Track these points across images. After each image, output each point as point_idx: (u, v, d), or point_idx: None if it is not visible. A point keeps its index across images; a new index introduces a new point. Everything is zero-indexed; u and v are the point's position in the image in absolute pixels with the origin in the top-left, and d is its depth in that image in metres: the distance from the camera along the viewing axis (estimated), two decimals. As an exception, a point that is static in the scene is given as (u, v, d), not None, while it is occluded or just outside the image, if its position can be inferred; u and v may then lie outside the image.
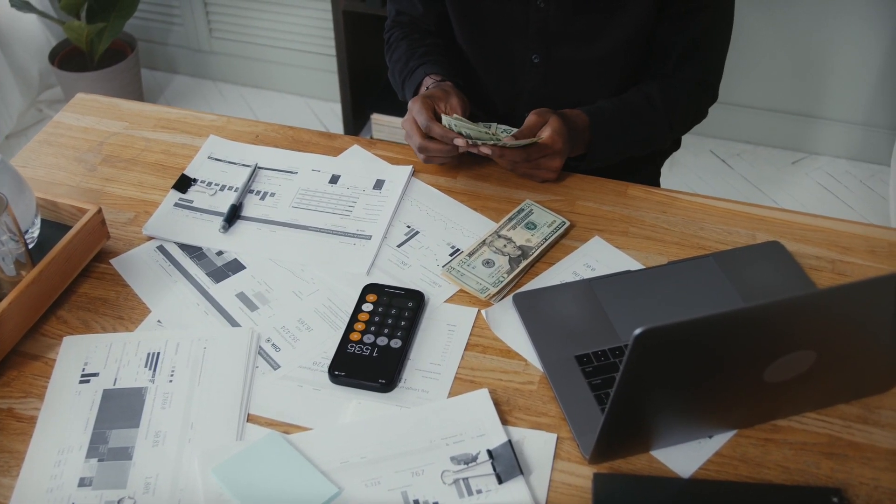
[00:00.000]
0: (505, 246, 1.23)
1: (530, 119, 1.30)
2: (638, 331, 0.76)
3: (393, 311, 1.14)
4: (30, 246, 1.20)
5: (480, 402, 1.04)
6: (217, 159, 1.41)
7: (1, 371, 1.09)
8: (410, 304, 1.15)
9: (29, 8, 2.75)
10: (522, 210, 1.29)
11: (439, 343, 1.12)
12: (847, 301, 0.85)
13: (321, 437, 1.00)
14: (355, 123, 2.88)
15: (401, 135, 1.36)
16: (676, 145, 1.64)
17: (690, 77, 1.43)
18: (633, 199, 1.33)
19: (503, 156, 1.27)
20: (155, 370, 1.08)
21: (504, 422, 1.02)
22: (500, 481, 0.95)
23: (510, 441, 0.98)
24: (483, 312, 1.16)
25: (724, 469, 0.98)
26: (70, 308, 1.17)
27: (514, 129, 1.30)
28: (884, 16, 2.57)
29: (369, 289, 1.17)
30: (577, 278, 1.20)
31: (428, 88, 1.38)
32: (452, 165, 1.39)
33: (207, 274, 1.22)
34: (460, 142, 1.24)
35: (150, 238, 1.27)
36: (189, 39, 3.24)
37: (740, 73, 2.77)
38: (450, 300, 1.18)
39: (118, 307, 1.17)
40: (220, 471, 0.96)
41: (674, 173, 2.83)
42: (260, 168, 1.39)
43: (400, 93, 1.51)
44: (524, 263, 1.20)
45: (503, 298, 1.18)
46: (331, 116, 3.12)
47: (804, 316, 0.85)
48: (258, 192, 1.35)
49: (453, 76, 1.41)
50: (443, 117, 1.27)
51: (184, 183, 1.36)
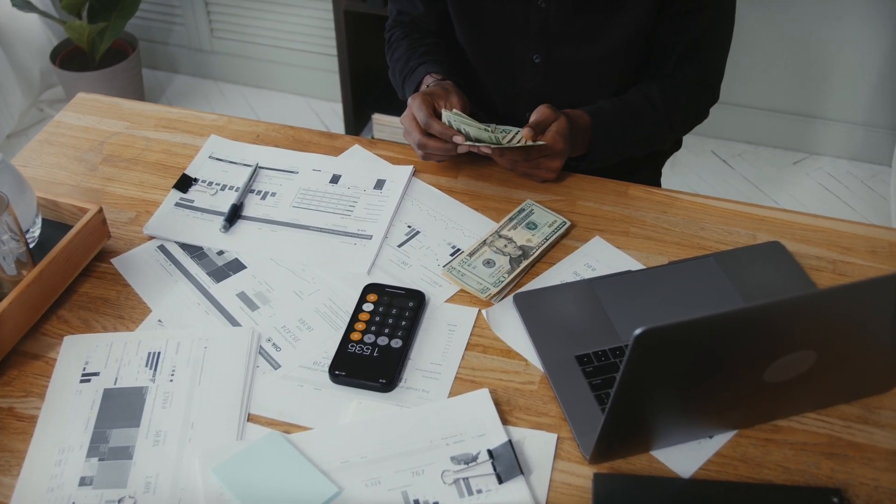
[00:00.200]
0: (506, 246, 1.23)
1: (543, 111, 1.29)
2: (638, 331, 0.76)
3: (393, 311, 1.14)
4: (31, 245, 1.20)
5: (481, 402, 1.04)
6: (218, 159, 1.41)
7: (2, 370, 1.09)
8: (411, 304, 1.15)
9: (30, 7, 2.75)
10: (523, 210, 1.29)
11: (440, 343, 1.12)
12: (847, 301, 0.85)
13: (321, 437, 1.00)
14: (356, 123, 2.88)
15: (402, 134, 1.36)
16: (677, 145, 1.65)
17: (691, 77, 1.43)
18: (634, 200, 1.33)
19: (503, 155, 1.27)
20: (155, 370, 1.08)
21: (504, 422, 1.02)
22: (501, 481, 0.95)
23: (510, 441, 0.98)
24: (483, 312, 1.16)
25: (725, 469, 0.98)
26: (71, 307, 1.17)
27: (514, 129, 1.30)
28: (885, 16, 2.57)
29: (370, 288, 1.17)
30: (578, 278, 1.20)
31: (428, 87, 1.38)
32: (453, 165, 1.39)
33: (208, 273, 1.22)
34: (459, 139, 1.24)
35: (151, 237, 1.28)
36: (190, 39, 3.24)
37: (741, 74, 2.77)
38: (450, 300, 1.18)
39: (119, 307, 1.17)
40: (221, 470, 0.96)
41: (675, 173, 2.83)
42: (261, 168, 1.39)
43: (400, 92, 1.51)
44: (525, 263, 1.20)
45: (504, 298, 1.18)
46: (332, 116, 3.12)
47: (804, 316, 0.85)
48: (259, 192, 1.35)
49: (454, 75, 1.41)
50: (443, 113, 1.27)
51: (185, 182, 1.36)
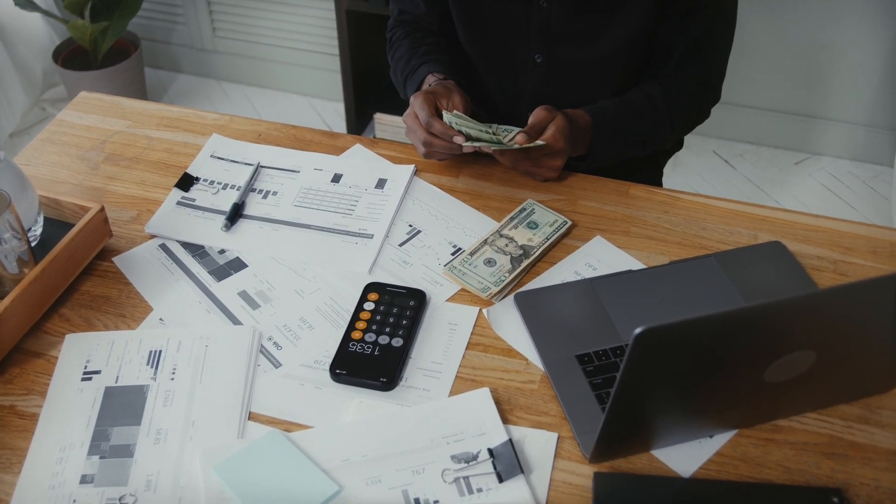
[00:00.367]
0: (507, 245, 1.23)
1: (540, 113, 1.30)
2: (638, 330, 0.76)
3: (394, 310, 1.14)
4: (32, 244, 1.20)
5: (481, 401, 1.04)
6: (219, 158, 1.41)
7: (3, 368, 1.09)
8: (412, 303, 1.15)
9: (33, 7, 2.76)
10: (524, 209, 1.29)
11: (440, 342, 1.12)
12: (847, 301, 0.85)
13: (322, 436, 1.01)
14: (358, 123, 2.88)
15: (404, 134, 1.36)
16: (679, 145, 1.65)
17: (692, 77, 1.43)
18: (635, 199, 1.33)
19: (504, 153, 1.27)
20: (157, 368, 1.08)
21: (505, 421, 1.02)
22: (501, 480, 0.95)
23: (511, 440, 0.98)
24: (484, 311, 1.16)
25: (725, 469, 0.98)
26: (72, 306, 1.17)
27: (515, 129, 1.30)
28: (887, 17, 2.56)
29: (371, 287, 1.17)
30: (579, 278, 1.20)
31: (430, 86, 1.38)
32: (454, 164, 1.39)
33: (209, 272, 1.22)
34: (460, 139, 1.24)
35: (153, 236, 1.28)
36: (192, 38, 3.25)
37: (743, 74, 2.77)
38: (451, 299, 1.18)
39: (120, 305, 1.17)
40: (222, 469, 0.96)
41: (676, 173, 2.83)
42: (262, 167, 1.39)
43: (402, 91, 1.51)
44: (526, 263, 1.21)
45: (504, 298, 1.18)
46: (334, 116, 3.13)
47: (804, 316, 0.85)
48: (260, 191, 1.35)
49: (455, 75, 1.42)
50: (444, 114, 1.27)
51: (186, 181, 1.36)
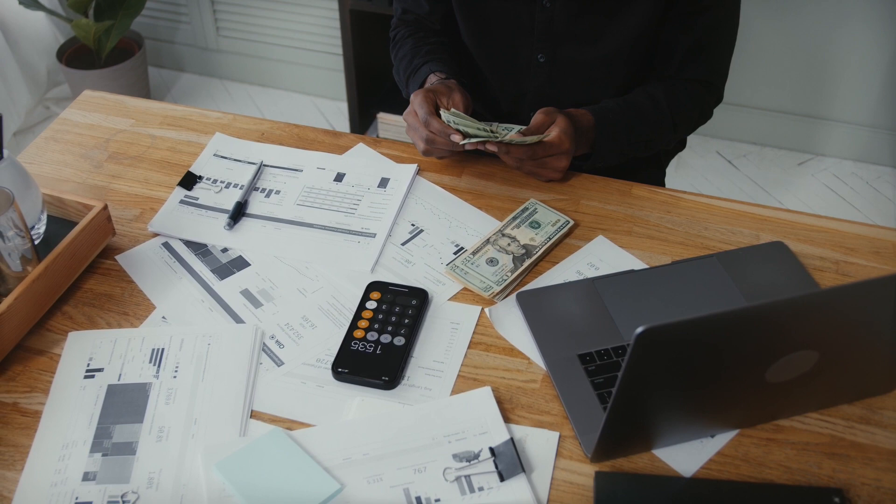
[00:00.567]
0: (509, 245, 1.23)
1: (537, 118, 1.30)
2: (639, 329, 0.76)
3: (396, 309, 1.14)
4: (36, 242, 1.20)
5: (483, 400, 1.04)
6: (223, 157, 1.42)
7: (6, 366, 1.09)
8: (414, 302, 1.15)
9: (37, 6, 2.76)
10: (526, 209, 1.29)
11: (442, 341, 1.12)
12: (849, 301, 0.85)
13: (324, 434, 1.01)
14: (361, 122, 2.88)
15: (405, 133, 1.36)
16: (682, 145, 1.65)
17: (695, 78, 1.43)
18: (638, 199, 1.33)
19: (508, 153, 1.27)
20: (159, 366, 1.08)
21: (506, 420, 1.02)
22: (502, 479, 0.95)
23: (512, 439, 0.98)
24: (486, 311, 1.16)
25: (726, 468, 0.98)
26: (75, 304, 1.18)
27: (516, 127, 1.30)
28: (891, 18, 2.56)
29: (373, 286, 1.17)
30: (581, 277, 1.20)
31: (432, 85, 1.38)
32: (456, 164, 1.39)
33: (212, 271, 1.22)
34: (457, 138, 1.24)
35: (156, 235, 1.28)
36: (196, 38, 3.25)
37: (747, 75, 2.76)
38: (453, 298, 1.18)
39: (123, 303, 1.18)
40: (224, 466, 0.96)
41: (680, 174, 2.83)
42: (265, 166, 1.40)
43: (404, 90, 1.51)
44: (528, 262, 1.21)
45: (506, 297, 1.18)
46: (337, 115, 3.13)
47: (806, 316, 0.85)
48: (263, 190, 1.35)
49: (457, 74, 1.42)
50: (441, 112, 1.27)
51: (189, 180, 1.36)
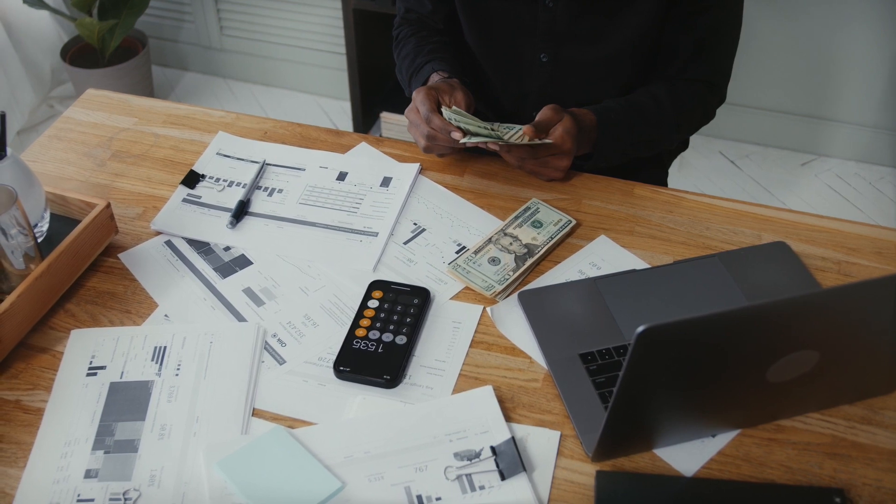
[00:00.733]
0: (511, 244, 1.23)
1: (545, 113, 1.29)
2: (640, 328, 0.76)
3: (398, 308, 1.14)
4: (39, 240, 1.21)
5: (484, 399, 1.04)
6: (225, 155, 1.42)
7: (9, 363, 1.10)
8: (416, 301, 1.15)
9: (41, 5, 2.77)
10: (529, 208, 1.29)
11: (444, 340, 1.12)
12: (850, 301, 0.85)
13: (325, 432, 1.01)
14: (365, 122, 2.88)
15: (407, 131, 1.36)
16: (684, 145, 1.65)
17: (698, 78, 1.43)
18: (640, 199, 1.33)
19: (510, 151, 1.27)
20: (161, 364, 1.09)
21: (508, 419, 1.02)
22: (503, 478, 0.95)
23: (513, 438, 0.99)
24: (488, 310, 1.16)
25: (727, 468, 0.98)
26: (78, 301, 1.18)
27: (518, 127, 1.30)
28: (894, 18, 2.56)
29: (375, 285, 1.18)
30: (583, 277, 1.20)
31: (434, 83, 1.38)
32: (459, 163, 1.39)
33: (215, 269, 1.23)
34: (457, 135, 1.24)
35: (158, 233, 1.28)
36: (200, 37, 3.25)
37: (750, 75, 2.76)
38: (455, 297, 1.18)
39: (126, 301, 1.18)
40: (225, 464, 0.97)
41: (683, 174, 2.83)
42: (268, 164, 1.40)
43: (406, 89, 1.51)
44: (530, 261, 1.21)
45: (508, 296, 1.18)
46: (341, 114, 3.13)
47: (806, 316, 0.85)
48: (266, 189, 1.36)
49: (460, 73, 1.42)
50: (443, 110, 1.27)
51: (192, 179, 1.37)
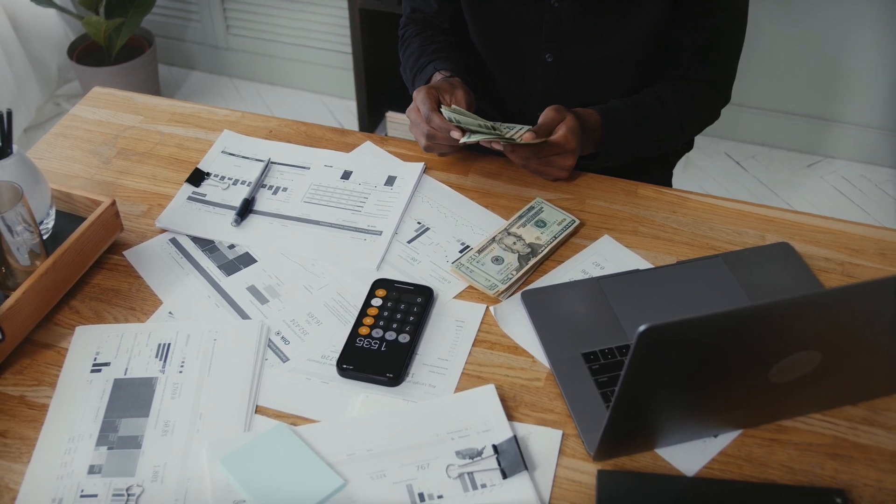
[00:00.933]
0: (514, 243, 1.23)
1: (549, 114, 1.30)
2: (642, 328, 0.76)
3: (402, 307, 1.14)
4: (44, 237, 1.21)
5: (487, 398, 1.04)
6: (230, 154, 1.42)
7: (14, 359, 1.10)
8: (419, 300, 1.15)
9: (48, 3, 2.77)
10: (532, 208, 1.29)
11: (447, 339, 1.13)
12: (852, 302, 0.85)
13: (328, 430, 1.01)
14: (370, 121, 2.88)
15: (409, 130, 1.36)
16: (689, 146, 1.64)
17: (703, 78, 1.43)
18: (644, 199, 1.33)
19: (514, 151, 1.27)
20: (165, 361, 1.09)
21: (510, 417, 1.03)
22: (505, 476, 0.96)
23: (515, 437, 0.99)
24: (491, 309, 1.16)
25: (729, 468, 0.98)
26: (83, 298, 1.18)
27: (520, 126, 1.30)
28: (901, 19, 2.56)
29: (379, 284, 1.18)
30: (586, 276, 1.20)
31: (435, 82, 1.38)
32: (463, 162, 1.39)
33: (219, 267, 1.23)
34: (456, 135, 1.25)
35: (163, 230, 1.29)
36: (206, 36, 3.26)
37: (755, 75, 2.76)
38: (458, 296, 1.18)
39: (130, 298, 1.18)
40: (228, 461, 0.97)
41: (688, 175, 2.83)
42: (273, 163, 1.40)
43: (410, 88, 1.51)
44: (533, 261, 1.21)
45: (511, 295, 1.18)
46: (346, 114, 3.13)
47: (808, 316, 0.85)
48: (271, 187, 1.36)
49: (463, 73, 1.42)
50: (443, 109, 1.27)
51: (197, 177, 1.37)
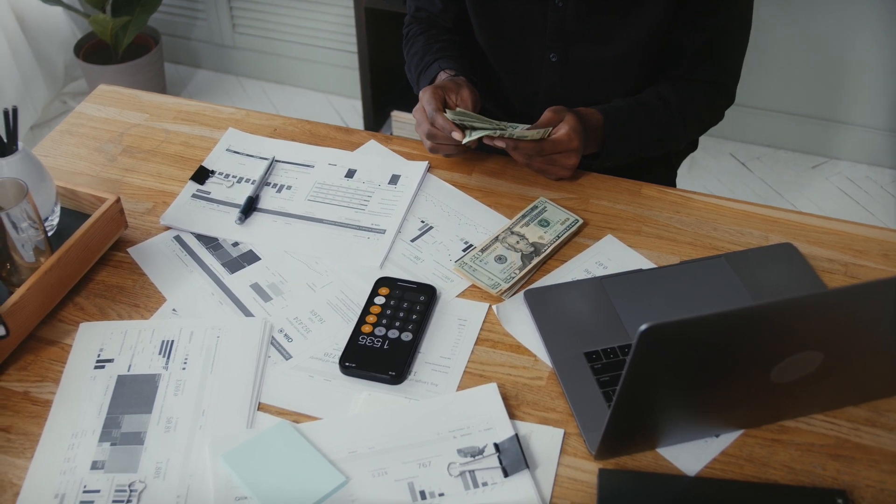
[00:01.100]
0: (517, 242, 1.24)
1: (546, 116, 1.31)
2: (643, 327, 0.76)
3: (405, 305, 1.15)
4: (49, 233, 1.22)
5: (489, 396, 1.04)
6: (235, 152, 1.43)
7: (18, 355, 1.11)
8: (422, 298, 1.16)
9: (55, 1, 2.78)
10: (536, 207, 1.29)
11: (450, 337, 1.13)
12: (853, 302, 0.84)
13: (330, 427, 1.02)
14: (376, 120, 2.89)
15: (415, 130, 1.36)
16: (693, 146, 1.64)
17: (706, 78, 1.43)
18: (647, 199, 1.33)
19: (517, 148, 1.27)
20: (169, 357, 1.09)
21: (512, 416, 1.03)
22: (506, 475, 0.96)
23: (517, 435, 0.99)
24: (494, 308, 1.16)
25: (730, 468, 0.98)
26: (87, 295, 1.19)
27: (525, 126, 1.30)
28: (907, 20, 2.55)
29: (382, 282, 1.18)
30: (589, 276, 1.20)
31: (440, 81, 1.38)
32: (467, 162, 1.40)
33: (223, 264, 1.23)
34: (457, 136, 1.25)
35: (168, 228, 1.29)
36: (212, 34, 3.27)
37: (761, 76, 2.75)
38: (461, 295, 1.19)
39: (134, 295, 1.19)
40: (230, 458, 0.97)
41: (693, 176, 2.82)
42: (277, 161, 1.41)
43: (415, 87, 1.51)
44: (536, 260, 1.21)
45: (514, 294, 1.18)
46: (352, 113, 3.14)
47: (810, 316, 0.85)
48: (275, 185, 1.36)
49: (467, 72, 1.42)
50: (447, 112, 1.28)
51: (202, 174, 1.37)
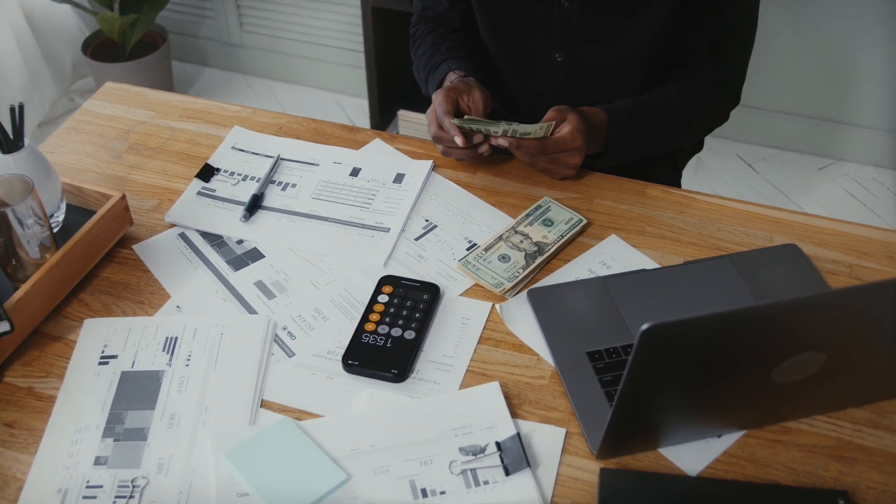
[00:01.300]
0: (521, 242, 1.24)
1: (549, 115, 1.31)
2: (644, 326, 0.76)
3: (408, 303, 1.15)
4: (54, 230, 1.22)
5: (491, 395, 1.04)
6: (240, 150, 1.43)
7: (23, 351, 1.11)
8: (425, 297, 1.16)
9: (64, -2, 2.80)
10: (540, 206, 1.29)
11: (453, 336, 1.13)
12: (855, 303, 0.84)
13: (332, 425, 1.02)
14: (382, 119, 2.89)
15: (426, 131, 1.37)
16: (698, 147, 1.64)
17: (711, 79, 1.43)
18: (652, 199, 1.33)
19: (520, 147, 1.27)
20: (172, 354, 1.10)
21: (514, 415, 1.03)
22: (508, 473, 0.96)
23: (519, 434, 0.99)
24: (497, 307, 1.16)
25: (732, 468, 0.98)
26: (92, 291, 1.19)
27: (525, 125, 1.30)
28: (915, 22, 2.54)
29: (385, 280, 1.18)
30: (592, 276, 1.20)
31: (451, 83, 1.39)
32: (471, 161, 1.39)
33: (227, 262, 1.24)
34: (459, 140, 1.26)
35: (173, 225, 1.30)
36: (220, 32, 3.27)
37: (768, 77, 2.75)
38: (465, 294, 1.19)
39: (139, 292, 1.19)
40: (233, 454, 0.98)
41: (699, 176, 2.82)
42: (282, 159, 1.41)
43: (423, 87, 1.52)
44: (540, 259, 1.21)
45: (518, 294, 1.18)
46: (358, 112, 3.14)
47: (812, 317, 0.85)
48: (280, 183, 1.37)
49: (476, 72, 1.42)
50: (455, 120, 1.28)
51: (207, 172, 1.38)
